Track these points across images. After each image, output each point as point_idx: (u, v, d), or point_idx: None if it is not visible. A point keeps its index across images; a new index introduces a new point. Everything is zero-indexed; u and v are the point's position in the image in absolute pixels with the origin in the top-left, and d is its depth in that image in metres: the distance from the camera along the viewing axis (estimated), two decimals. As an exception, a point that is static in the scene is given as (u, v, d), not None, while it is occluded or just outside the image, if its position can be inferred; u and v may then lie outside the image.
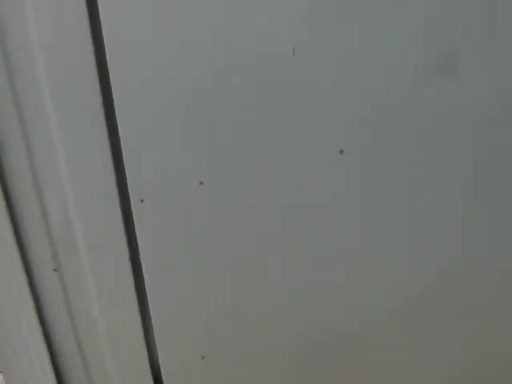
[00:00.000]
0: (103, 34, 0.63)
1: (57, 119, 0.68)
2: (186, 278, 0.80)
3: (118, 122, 0.68)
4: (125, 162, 0.71)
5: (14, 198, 0.73)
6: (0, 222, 0.73)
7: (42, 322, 0.80)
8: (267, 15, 0.63)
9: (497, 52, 0.65)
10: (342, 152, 0.71)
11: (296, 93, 0.67)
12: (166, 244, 0.77)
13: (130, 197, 0.73)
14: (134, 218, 0.75)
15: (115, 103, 0.67)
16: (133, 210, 0.74)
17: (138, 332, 0.83)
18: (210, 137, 0.69)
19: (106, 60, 0.65)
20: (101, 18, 0.63)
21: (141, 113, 0.68)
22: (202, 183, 0.72)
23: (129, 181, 0.72)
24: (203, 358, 0.87)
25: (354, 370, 0.91)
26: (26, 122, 0.68)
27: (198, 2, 0.62)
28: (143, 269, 0.79)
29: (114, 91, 0.66)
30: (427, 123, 0.70)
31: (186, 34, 0.64)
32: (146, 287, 0.80)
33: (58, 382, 0.85)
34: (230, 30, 0.63)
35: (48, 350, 0.81)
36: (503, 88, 0.67)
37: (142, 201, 0.73)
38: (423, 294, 0.83)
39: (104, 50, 0.64)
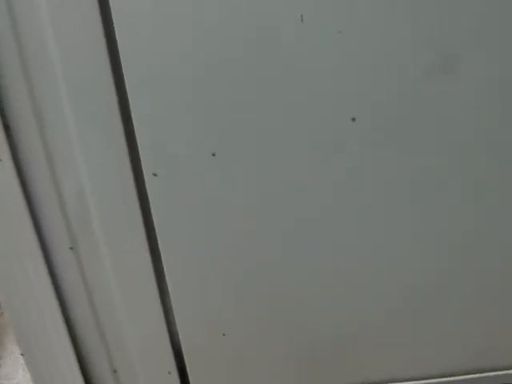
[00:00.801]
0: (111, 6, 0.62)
1: (68, 95, 0.67)
2: (204, 251, 0.78)
3: (129, 95, 0.66)
4: (137, 136, 0.69)
5: (28, 177, 0.71)
6: (16, 203, 0.71)
7: (61, 303, 0.79)
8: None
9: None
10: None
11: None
12: (181, 218, 0.75)
13: (143, 171, 0.71)
14: (148, 193, 0.73)
15: (125, 75, 0.65)
16: (146, 184, 0.72)
17: (157, 309, 0.81)
18: (222, 106, 0.68)
19: (114, 32, 0.63)
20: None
21: (152, 85, 0.66)
22: (214, 155, 0.71)
23: (141, 155, 0.70)
24: (224, 335, 0.85)
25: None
26: (36, 97, 0.67)
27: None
28: (159, 244, 0.76)
29: (123, 65, 0.65)
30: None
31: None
32: (163, 263, 0.78)
33: (79, 361, 0.83)
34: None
35: (68, 330, 0.80)
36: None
37: (155, 175, 0.72)
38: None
39: (113, 26, 0.63)
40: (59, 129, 0.69)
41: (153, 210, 0.74)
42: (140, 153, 0.70)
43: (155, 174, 0.72)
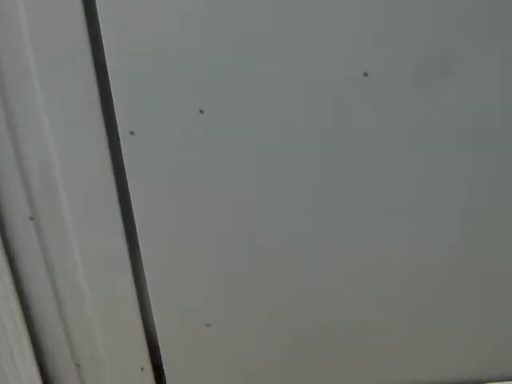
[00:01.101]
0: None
1: (31, 37, 0.61)
2: (185, 223, 0.72)
3: (104, 41, 0.62)
4: (111, 88, 0.64)
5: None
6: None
7: (17, 282, 0.73)
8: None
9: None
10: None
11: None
12: (160, 183, 0.70)
13: (119, 129, 0.66)
14: (123, 154, 0.67)
15: (101, 26, 0.61)
16: (122, 144, 0.67)
17: (129, 293, 0.77)
18: (213, 57, 0.63)
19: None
20: None
21: (131, 34, 0.62)
22: (202, 112, 0.66)
23: (116, 110, 0.65)
24: (208, 325, 0.80)
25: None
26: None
27: None
28: (135, 216, 0.71)
29: (100, 17, 0.60)
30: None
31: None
32: (138, 236, 0.72)
33: (36, 353, 0.77)
34: None
35: (24, 316, 0.74)
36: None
37: (132, 133, 0.66)
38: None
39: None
40: (21, 83, 0.64)
41: (128, 174, 0.69)
42: (115, 108, 0.66)
43: (132, 133, 0.67)
